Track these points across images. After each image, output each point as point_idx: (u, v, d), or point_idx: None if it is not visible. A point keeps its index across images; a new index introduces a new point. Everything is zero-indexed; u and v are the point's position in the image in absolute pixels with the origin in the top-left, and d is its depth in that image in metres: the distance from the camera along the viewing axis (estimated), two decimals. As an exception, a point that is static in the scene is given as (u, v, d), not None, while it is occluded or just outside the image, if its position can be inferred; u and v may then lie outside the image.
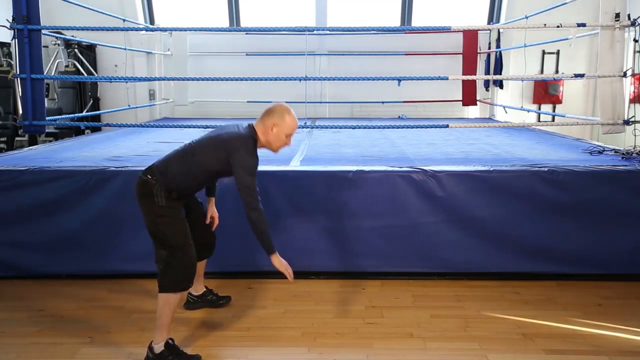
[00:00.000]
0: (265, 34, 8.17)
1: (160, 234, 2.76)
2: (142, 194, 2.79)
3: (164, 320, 2.71)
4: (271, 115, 2.86)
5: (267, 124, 2.85)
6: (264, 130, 2.86)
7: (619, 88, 4.38)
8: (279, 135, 2.86)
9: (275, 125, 2.84)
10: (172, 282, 2.72)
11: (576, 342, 2.96)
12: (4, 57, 7.37)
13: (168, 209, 2.77)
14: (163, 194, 2.75)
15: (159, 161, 2.88)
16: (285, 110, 2.88)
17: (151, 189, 2.75)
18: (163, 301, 2.72)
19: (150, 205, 2.77)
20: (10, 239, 3.81)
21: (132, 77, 7.06)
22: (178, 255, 2.73)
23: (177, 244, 2.74)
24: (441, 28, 5.08)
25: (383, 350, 2.89)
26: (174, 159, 2.85)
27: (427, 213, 3.77)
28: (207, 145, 2.84)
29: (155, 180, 2.77)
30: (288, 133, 2.89)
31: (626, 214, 3.76)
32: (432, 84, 7.82)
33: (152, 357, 2.70)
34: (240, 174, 2.74)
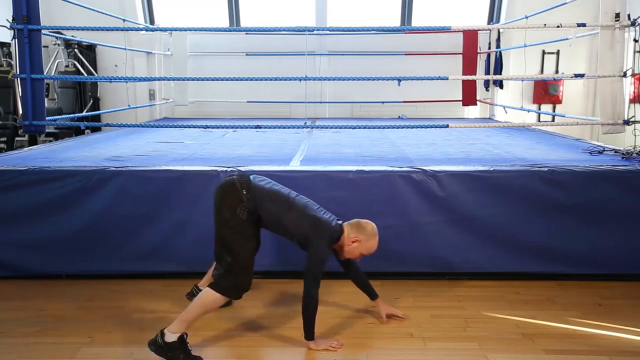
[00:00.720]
0: (265, 34, 8.16)
1: (231, 242, 2.79)
2: (228, 199, 2.82)
3: (192, 315, 2.73)
4: (360, 231, 2.96)
5: (352, 236, 2.94)
6: (346, 237, 2.94)
7: (619, 88, 4.38)
8: (355, 250, 2.96)
9: (358, 242, 2.94)
10: (228, 286, 2.76)
11: (576, 342, 2.96)
12: (4, 57, 7.37)
13: (245, 223, 2.81)
14: (247, 212, 2.81)
15: (260, 185, 2.91)
16: (374, 235, 2.98)
17: (238, 203, 2.80)
18: (206, 297, 2.74)
19: (230, 213, 2.80)
20: (10, 239, 3.81)
21: (132, 77, 7.06)
22: (241, 266, 2.78)
23: (244, 255, 2.80)
24: (441, 28, 5.08)
25: (383, 350, 2.89)
26: (273, 199, 2.89)
27: (427, 213, 3.77)
28: (300, 211, 2.89)
29: (247, 198, 2.81)
30: (363, 253, 2.99)
31: (626, 214, 3.76)
32: (432, 84, 7.82)
33: (161, 343, 2.67)
34: (313, 260, 2.82)
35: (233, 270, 2.77)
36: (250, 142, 5.51)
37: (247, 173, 2.99)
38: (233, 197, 2.82)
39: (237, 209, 2.79)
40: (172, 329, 2.69)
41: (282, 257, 3.75)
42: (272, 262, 3.74)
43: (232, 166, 3.88)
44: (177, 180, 3.79)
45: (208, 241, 3.74)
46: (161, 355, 2.68)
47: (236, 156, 4.61)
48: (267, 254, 3.64)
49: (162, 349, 2.68)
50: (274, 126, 4.93)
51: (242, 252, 2.80)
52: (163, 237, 3.79)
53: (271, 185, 2.97)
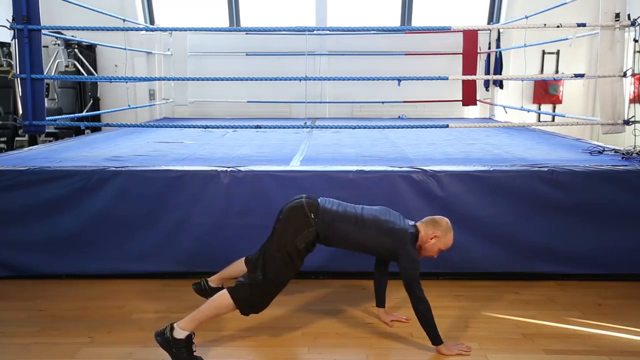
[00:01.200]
0: (265, 34, 8.16)
1: (272, 263, 2.77)
2: (294, 224, 2.82)
3: (204, 316, 2.72)
4: (436, 227, 2.95)
5: (429, 233, 2.93)
6: (424, 235, 2.94)
7: (619, 88, 4.38)
8: (434, 246, 2.95)
9: (437, 237, 2.93)
10: (245, 301, 2.75)
11: (576, 342, 2.96)
12: (4, 57, 7.37)
13: (298, 254, 2.80)
14: (309, 240, 2.80)
15: (328, 208, 2.90)
16: (450, 229, 2.97)
17: (304, 227, 2.80)
18: (221, 300, 2.74)
19: (289, 238, 2.80)
20: (10, 239, 3.81)
21: (132, 77, 7.06)
22: (265, 291, 2.78)
23: (275, 282, 2.79)
24: (441, 28, 5.08)
25: (383, 350, 2.89)
26: (343, 220, 2.88)
27: (427, 213, 3.72)
28: (374, 227, 2.89)
29: (315, 222, 2.82)
30: (441, 249, 2.98)
31: (626, 214, 3.76)
32: (432, 84, 7.82)
33: (169, 337, 2.65)
34: (409, 268, 2.82)
35: (256, 289, 2.75)
36: (250, 142, 5.51)
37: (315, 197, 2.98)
38: (300, 221, 2.82)
39: (299, 236, 2.78)
40: (182, 326, 2.68)
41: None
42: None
43: (232, 166, 3.88)
44: (177, 180, 3.79)
45: (208, 241, 3.78)
46: (165, 348, 2.67)
47: (236, 156, 4.61)
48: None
49: (168, 343, 2.66)
50: (274, 126, 4.93)
51: (274, 279, 2.79)
52: (163, 237, 3.79)
53: (338, 206, 2.96)
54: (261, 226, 3.74)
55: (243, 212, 3.78)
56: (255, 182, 3.77)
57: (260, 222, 3.75)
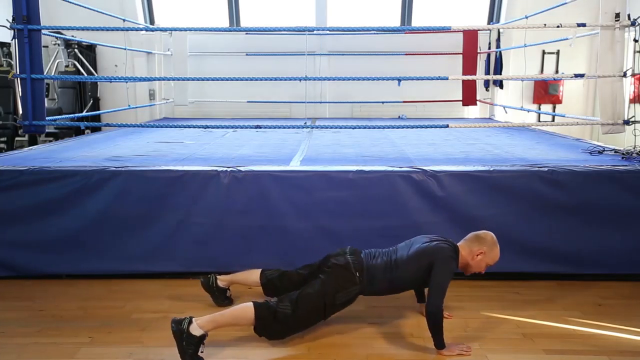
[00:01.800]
0: (265, 34, 8.16)
1: (306, 305, 2.82)
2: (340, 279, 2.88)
3: (224, 321, 2.76)
4: (481, 243, 2.98)
5: (474, 250, 2.96)
6: (468, 253, 2.97)
7: (619, 88, 4.38)
8: (482, 262, 2.98)
9: (483, 254, 2.96)
10: (264, 323, 2.78)
11: (576, 342, 2.96)
12: (4, 57, 7.37)
13: (333, 307, 2.88)
14: (350, 297, 2.88)
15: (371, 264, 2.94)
16: (495, 243, 3.01)
17: (349, 285, 2.88)
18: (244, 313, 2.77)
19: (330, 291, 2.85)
20: (11, 239, 3.81)
21: (132, 77, 7.06)
22: (290, 324, 2.81)
23: (300, 322, 2.84)
24: (441, 28, 5.08)
25: (383, 350, 2.89)
26: (380, 264, 2.94)
27: (427, 213, 3.77)
28: (411, 257, 2.93)
29: (359, 280, 2.89)
30: (489, 264, 3.00)
31: (626, 214, 3.76)
32: (432, 84, 7.82)
33: (185, 329, 2.66)
34: (441, 277, 2.84)
35: (281, 319, 2.79)
36: (250, 142, 5.51)
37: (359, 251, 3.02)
38: (345, 279, 2.88)
39: (341, 293, 2.85)
40: (201, 323, 2.70)
41: (282, 257, 3.75)
42: (272, 262, 3.73)
43: (232, 166, 3.88)
44: (177, 180, 3.79)
45: (208, 241, 3.78)
46: (176, 337, 2.68)
47: (236, 156, 4.61)
48: (267, 254, 3.64)
49: (182, 335, 2.67)
50: (274, 126, 4.92)
51: (301, 320, 2.84)
52: (163, 237, 3.79)
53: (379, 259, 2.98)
54: (261, 226, 3.77)
55: (243, 212, 3.78)
56: (255, 182, 3.77)
57: (260, 222, 3.77)
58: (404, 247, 3.05)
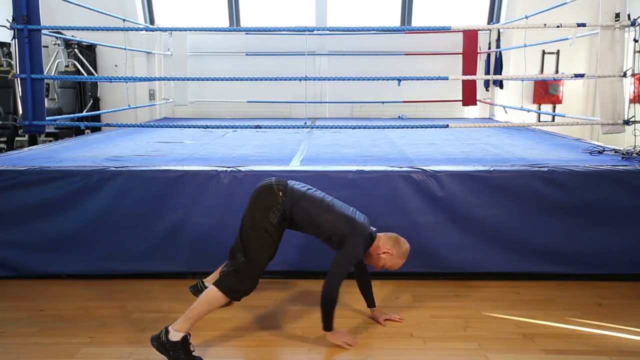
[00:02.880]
0: (265, 34, 8.16)
1: (252, 243, 2.81)
2: (263, 201, 2.87)
3: (196, 314, 2.72)
4: (395, 246, 2.99)
5: (385, 247, 2.96)
6: (378, 246, 2.97)
7: (619, 88, 4.38)
8: (381, 260, 2.99)
9: (389, 255, 2.97)
10: (232, 287, 2.76)
11: (576, 342, 2.96)
12: (4, 57, 7.38)
13: (274, 229, 2.83)
14: (279, 215, 2.84)
15: (297, 187, 2.94)
16: (405, 255, 3.03)
17: (273, 205, 2.84)
18: (209, 297, 2.75)
19: (261, 215, 2.83)
20: (10, 239, 3.81)
21: (132, 77, 7.06)
22: (250, 271, 2.79)
23: (258, 262, 2.81)
24: (441, 28, 5.08)
25: (383, 350, 2.89)
26: (309, 200, 2.92)
27: (427, 213, 3.77)
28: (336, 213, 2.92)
29: (282, 200, 2.85)
30: (386, 266, 3.01)
31: (626, 214, 3.76)
32: (432, 84, 7.81)
33: (164, 341, 2.66)
34: (346, 256, 2.86)
35: (241, 272, 2.78)
36: (250, 142, 5.51)
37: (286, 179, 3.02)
38: (268, 198, 2.86)
39: (270, 212, 2.82)
40: (176, 328, 2.68)
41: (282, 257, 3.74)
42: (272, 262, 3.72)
43: (232, 166, 3.88)
44: (177, 180, 3.79)
45: (208, 241, 3.77)
46: (162, 353, 2.67)
47: (236, 156, 4.61)
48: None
49: (165, 347, 2.67)
50: (274, 126, 4.92)
51: (257, 257, 2.81)
52: (163, 237, 3.79)
53: (307, 188, 3.00)
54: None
55: (243, 212, 3.77)
56: (255, 182, 3.74)
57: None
58: (341, 205, 3.00)
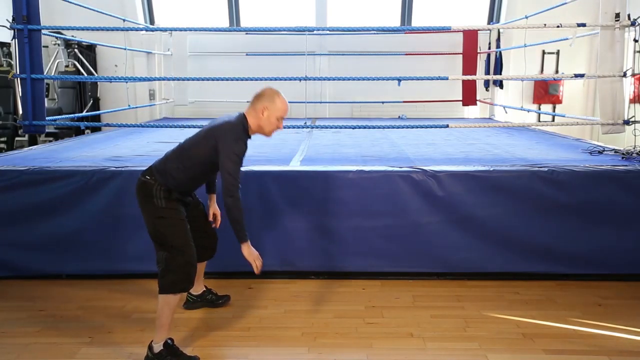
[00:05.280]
0: (265, 34, 8.16)
1: (160, 235, 2.77)
2: (142, 196, 2.81)
3: (164, 320, 2.72)
4: (261, 100, 2.87)
5: (258, 108, 2.86)
6: (255, 115, 2.87)
7: (619, 88, 4.38)
8: (270, 118, 2.87)
9: (266, 109, 2.85)
10: (172, 283, 2.72)
11: (576, 342, 2.96)
12: (4, 57, 7.37)
13: (168, 210, 2.78)
14: (162, 195, 2.77)
15: (157, 161, 2.90)
16: (275, 93, 2.89)
17: (150, 190, 2.77)
18: (163, 302, 2.73)
19: (150, 207, 2.79)
20: (11, 239, 3.81)
21: (132, 77, 7.06)
22: (178, 257, 2.73)
23: (177, 245, 2.75)
24: (441, 28, 5.08)
25: (383, 350, 2.89)
26: (171, 156, 2.86)
27: (427, 213, 3.77)
28: (199, 137, 2.85)
29: (153, 180, 2.79)
30: (279, 116, 2.90)
31: (626, 214, 3.76)
32: (432, 84, 7.82)
33: (152, 356, 2.70)
34: (224, 159, 2.73)
35: (170, 264, 2.72)
36: (250, 142, 5.48)
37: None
38: (144, 189, 2.80)
39: (153, 199, 2.75)
40: (155, 340, 2.72)
41: (272, 256, 3.75)
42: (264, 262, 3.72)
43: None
44: (177, 180, 3.78)
45: (208, 241, 3.76)
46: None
47: (236, 156, 4.60)
48: (267, 254, 3.62)
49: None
50: (274, 126, 4.91)
51: (173, 241, 2.74)
52: (163, 237, 3.79)
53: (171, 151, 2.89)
54: (261, 226, 3.76)
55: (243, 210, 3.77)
56: (255, 182, 3.77)
57: (259, 222, 3.76)
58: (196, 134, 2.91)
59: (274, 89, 2.90)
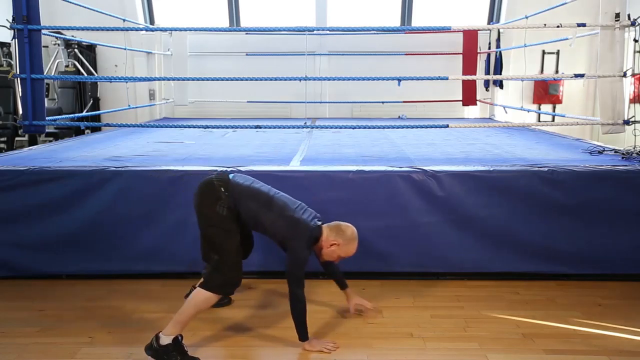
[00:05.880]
0: (265, 34, 8.17)
1: (216, 239, 2.82)
2: (207, 198, 2.86)
3: (185, 317, 2.73)
4: (339, 235, 2.94)
5: (330, 239, 2.93)
6: (325, 240, 2.94)
7: (619, 88, 4.38)
8: (334, 253, 2.97)
9: (337, 246, 2.94)
10: (218, 284, 2.77)
11: (576, 342, 2.96)
12: (4, 57, 7.37)
13: (227, 220, 2.83)
14: (226, 208, 2.82)
15: (239, 183, 2.91)
16: (354, 239, 2.97)
17: (217, 200, 2.82)
18: (197, 297, 2.76)
19: (210, 211, 2.83)
20: (11, 239, 3.81)
21: (132, 77, 7.06)
22: (228, 262, 2.79)
23: (230, 251, 2.81)
24: (441, 28, 5.08)
25: (383, 350, 2.89)
26: (252, 197, 2.89)
27: (427, 213, 3.77)
28: (278, 211, 2.88)
29: (226, 196, 2.83)
30: (342, 257, 2.99)
31: (626, 214, 3.76)
32: (432, 84, 7.82)
33: (157, 347, 2.68)
34: (293, 262, 2.81)
35: (220, 268, 2.79)
36: (250, 142, 5.51)
37: (228, 172, 3.02)
38: (211, 195, 2.84)
39: (217, 206, 2.81)
40: (166, 332, 2.70)
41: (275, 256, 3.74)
42: (266, 261, 3.72)
43: (232, 166, 3.88)
44: (177, 180, 3.79)
45: (208, 241, 3.76)
46: (157, 359, 2.68)
47: (236, 156, 4.61)
48: (260, 253, 3.63)
49: (158, 353, 2.68)
50: (274, 126, 4.93)
51: (227, 249, 2.81)
52: (163, 237, 3.79)
53: (251, 183, 2.97)
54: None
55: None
56: (255, 182, 3.77)
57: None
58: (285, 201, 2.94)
59: (355, 233, 2.98)
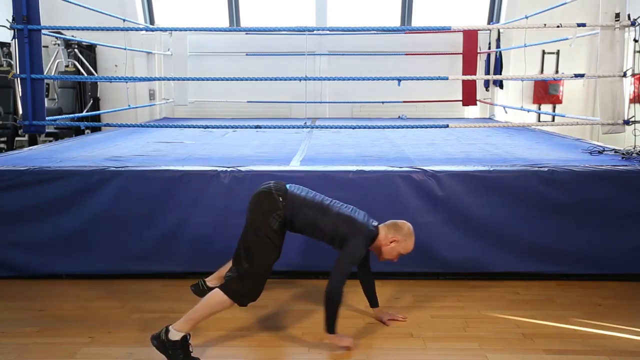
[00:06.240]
0: (265, 34, 8.17)
1: (254, 250, 2.80)
2: (264, 206, 2.85)
3: (199, 315, 2.72)
4: (397, 231, 2.98)
5: (389, 236, 2.96)
6: (384, 238, 2.96)
7: (619, 88, 4.38)
8: (394, 250, 2.98)
9: (396, 242, 2.96)
10: (239, 292, 2.76)
11: (576, 342, 2.96)
12: (4, 57, 7.37)
13: (275, 235, 2.82)
14: (280, 221, 2.82)
15: (296, 193, 2.92)
16: (411, 234, 3.00)
17: (274, 209, 2.82)
18: (214, 298, 2.75)
19: (262, 220, 2.82)
20: (10, 239, 3.81)
21: (132, 77, 7.06)
22: (255, 276, 2.78)
23: (262, 266, 2.80)
24: (441, 28, 5.08)
25: (383, 350, 2.89)
26: (309, 205, 2.90)
27: (427, 213, 3.76)
28: (335, 214, 2.90)
29: (283, 205, 2.83)
30: (401, 253, 3.00)
31: (626, 214, 3.76)
32: (432, 84, 7.82)
33: (164, 340, 2.66)
34: (347, 256, 2.83)
35: (246, 278, 2.77)
36: (250, 142, 5.51)
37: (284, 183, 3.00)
38: (269, 204, 2.84)
39: (271, 217, 2.81)
40: (177, 327, 2.69)
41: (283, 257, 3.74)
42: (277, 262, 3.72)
43: (232, 166, 3.88)
44: (177, 180, 3.79)
45: (208, 241, 3.78)
46: (161, 351, 2.67)
47: (236, 156, 4.61)
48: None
49: (164, 346, 2.67)
50: (274, 126, 4.93)
51: (261, 263, 2.80)
52: (163, 237, 3.79)
53: (307, 192, 2.99)
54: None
55: (243, 212, 3.71)
56: (255, 182, 3.75)
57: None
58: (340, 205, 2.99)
59: (412, 229, 3.01)
